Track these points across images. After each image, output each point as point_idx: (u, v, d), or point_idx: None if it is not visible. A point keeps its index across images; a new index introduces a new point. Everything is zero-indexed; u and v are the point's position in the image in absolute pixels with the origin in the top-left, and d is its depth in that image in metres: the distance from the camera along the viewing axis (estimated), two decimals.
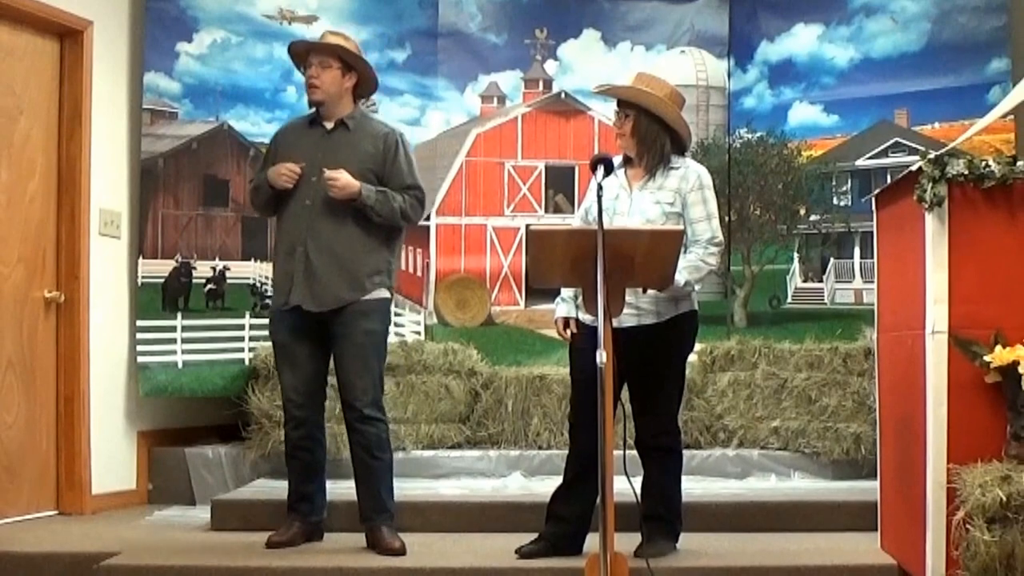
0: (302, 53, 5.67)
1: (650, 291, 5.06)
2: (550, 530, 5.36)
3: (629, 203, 5.29)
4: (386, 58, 8.07)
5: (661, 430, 5.36)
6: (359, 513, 5.63)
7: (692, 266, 5.17)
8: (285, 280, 5.60)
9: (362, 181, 5.50)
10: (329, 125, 5.67)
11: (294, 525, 5.66)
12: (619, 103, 5.37)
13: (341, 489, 6.01)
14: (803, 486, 6.82)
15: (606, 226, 4.53)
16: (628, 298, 5.00)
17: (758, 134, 8.10)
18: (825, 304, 7.90)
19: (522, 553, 5.29)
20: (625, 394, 5.28)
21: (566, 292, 5.42)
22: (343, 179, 5.42)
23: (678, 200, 5.26)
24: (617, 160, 5.23)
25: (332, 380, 5.74)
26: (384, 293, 5.66)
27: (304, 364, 5.63)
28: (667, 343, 5.29)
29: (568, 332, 5.42)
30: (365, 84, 5.78)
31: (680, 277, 5.02)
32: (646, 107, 5.28)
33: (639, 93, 5.30)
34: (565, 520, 5.33)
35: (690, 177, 5.30)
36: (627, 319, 5.08)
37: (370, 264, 5.58)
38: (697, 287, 5.30)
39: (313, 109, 5.74)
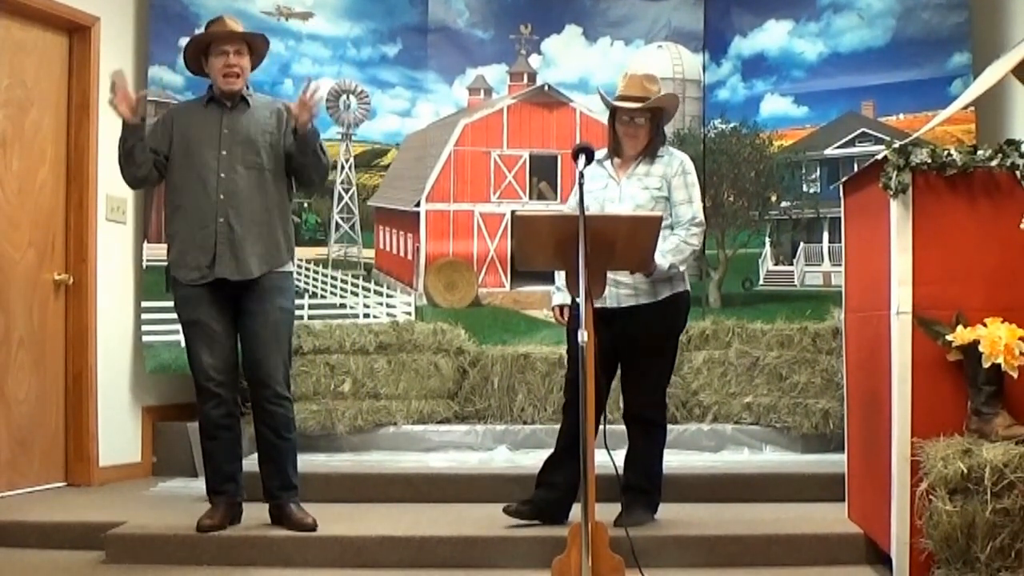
0: (203, 43, 5.46)
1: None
2: (540, 495, 5.35)
3: (619, 191, 5.30)
4: (378, 52, 8.04)
5: (650, 402, 5.37)
6: (264, 491, 5.42)
7: (675, 248, 5.18)
8: (202, 254, 5.31)
9: (266, 149, 5.40)
10: (230, 103, 5.47)
11: (221, 507, 5.39)
12: (640, 108, 5.31)
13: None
14: (774, 459, 6.81)
15: (599, 213, 4.53)
16: (626, 279, 5.11)
17: (732, 125, 8.06)
18: (795, 286, 7.87)
19: (511, 511, 5.29)
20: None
21: (560, 281, 5.38)
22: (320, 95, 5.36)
23: (664, 185, 5.30)
24: (600, 153, 5.25)
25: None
26: (291, 266, 5.53)
27: (222, 341, 5.37)
28: (663, 321, 5.29)
29: (564, 318, 5.43)
30: (256, 62, 5.65)
31: (664, 260, 5.04)
32: (663, 107, 5.37)
33: (673, 98, 5.43)
34: (555, 487, 5.31)
35: (674, 163, 5.35)
36: (625, 299, 5.14)
37: (283, 232, 5.44)
38: (682, 267, 5.28)
39: (205, 92, 5.55)
